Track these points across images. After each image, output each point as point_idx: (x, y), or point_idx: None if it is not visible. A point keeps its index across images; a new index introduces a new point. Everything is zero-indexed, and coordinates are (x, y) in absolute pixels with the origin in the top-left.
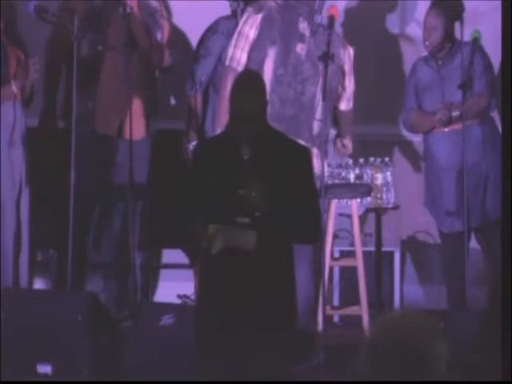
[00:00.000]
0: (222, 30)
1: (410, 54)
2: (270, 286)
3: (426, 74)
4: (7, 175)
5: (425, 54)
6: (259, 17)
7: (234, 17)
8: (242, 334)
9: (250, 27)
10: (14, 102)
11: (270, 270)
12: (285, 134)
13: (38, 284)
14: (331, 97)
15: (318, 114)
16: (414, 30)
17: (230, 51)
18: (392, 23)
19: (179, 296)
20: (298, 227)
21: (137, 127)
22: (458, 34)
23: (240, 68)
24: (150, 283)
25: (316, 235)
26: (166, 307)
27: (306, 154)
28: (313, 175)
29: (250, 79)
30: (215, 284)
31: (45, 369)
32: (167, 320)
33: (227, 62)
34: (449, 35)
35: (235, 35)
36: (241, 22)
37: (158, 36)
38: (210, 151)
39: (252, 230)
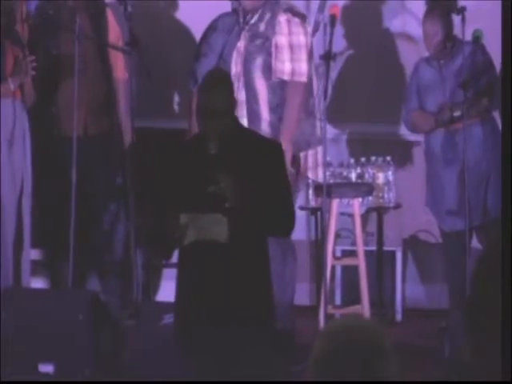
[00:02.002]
0: (222, 27)
1: (412, 53)
2: (244, 277)
3: (427, 74)
4: (8, 174)
5: (426, 53)
6: (308, 26)
7: (236, 15)
8: (216, 329)
9: (306, 37)
10: (13, 100)
11: (243, 259)
12: (255, 131)
13: (39, 283)
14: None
15: (320, 112)
16: (415, 28)
17: (290, 65)
18: (393, 22)
19: None
20: (270, 219)
21: (98, 121)
22: (459, 33)
23: (305, 79)
24: (153, 282)
25: (289, 228)
26: (168, 306)
27: (276, 149)
28: (285, 169)
29: (216, 77)
30: (189, 277)
31: (46, 368)
32: (169, 319)
33: (287, 77)
34: (449, 36)
35: (303, 50)
36: (297, 34)
37: None
38: (179, 149)
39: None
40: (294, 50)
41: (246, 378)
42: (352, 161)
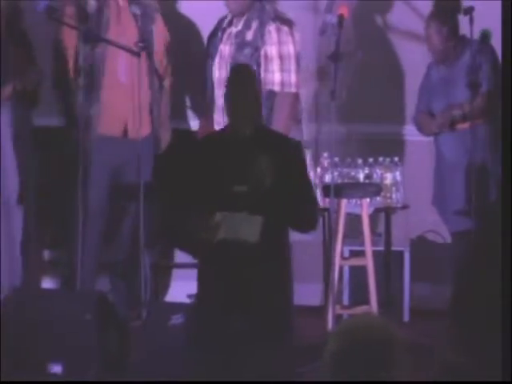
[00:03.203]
0: None
1: (420, 53)
2: (268, 278)
3: (435, 76)
4: (14, 174)
5: None
6: (296, 33)
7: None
8: (238, 328)
9: (294, 46)
10: (18, 101)
11: (270, 261)
12: (275, 130)
13: (47, 283)
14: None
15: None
16: (423, 28)
17: (279, 75)
18: (401, 22)
19: (189, 296)
20: (297, 214)
21: (141, 125)
22: (464, 33)
23: (294, 89)
24: (162, 283)
25: (314, 222)
26: (177, 307)
27: (298, 148)
28: (306, 166)
29: (241, 74)
30: (212, 273)
31: (53, 368)
32: (177, 320)
33: (277, 88)
34: (454, 38)
35: (292, 60)
36: (286, 44)
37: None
38: (210, 146)
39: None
40: (283, 61)
41: (250, 378)
42: (360, 161)
